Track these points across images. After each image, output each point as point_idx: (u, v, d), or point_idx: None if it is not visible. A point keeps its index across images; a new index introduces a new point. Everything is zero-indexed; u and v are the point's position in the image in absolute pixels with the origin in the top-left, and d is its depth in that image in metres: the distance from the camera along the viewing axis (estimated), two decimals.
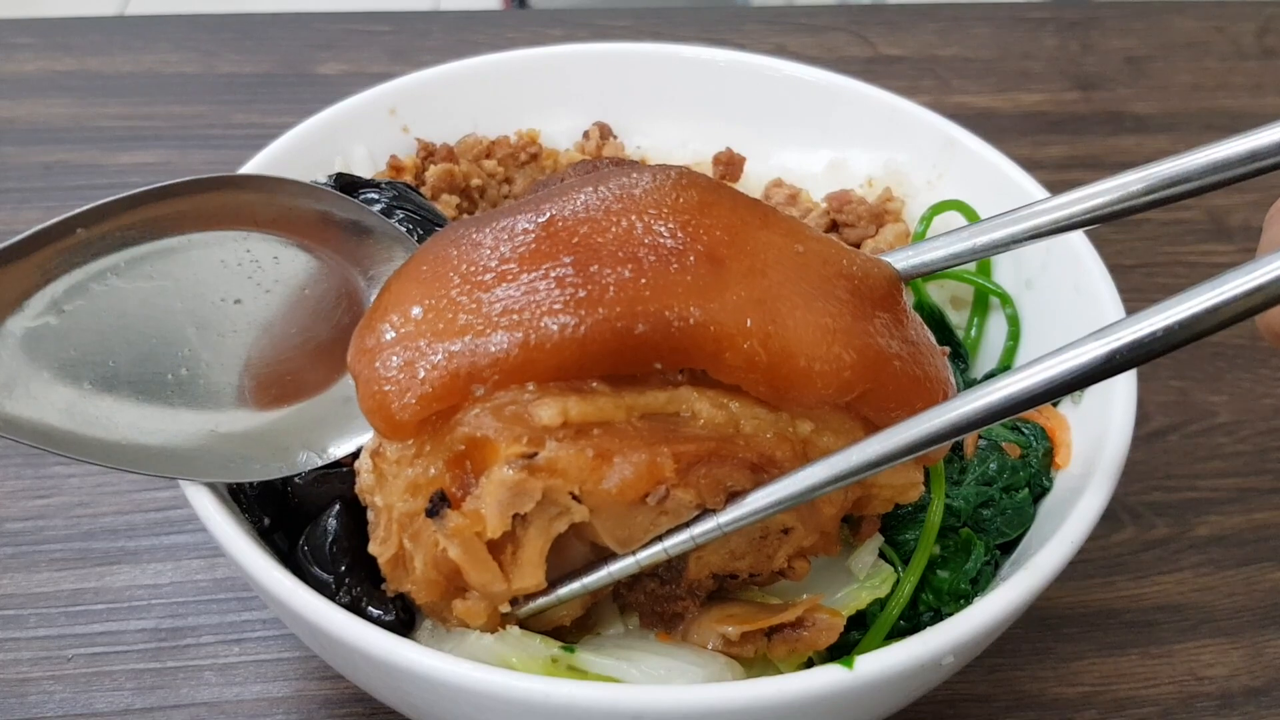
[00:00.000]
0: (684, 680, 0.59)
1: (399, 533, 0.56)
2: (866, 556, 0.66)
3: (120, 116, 1.24)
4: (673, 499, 0.53)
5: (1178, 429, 0.96)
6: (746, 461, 0.54)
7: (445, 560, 0.54)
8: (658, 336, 0.53)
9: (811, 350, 0.55)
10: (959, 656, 0.57)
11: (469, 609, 0.55)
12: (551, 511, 0.53)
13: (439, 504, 0.53)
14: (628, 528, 0.54)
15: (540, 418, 0.52)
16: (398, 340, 0.55)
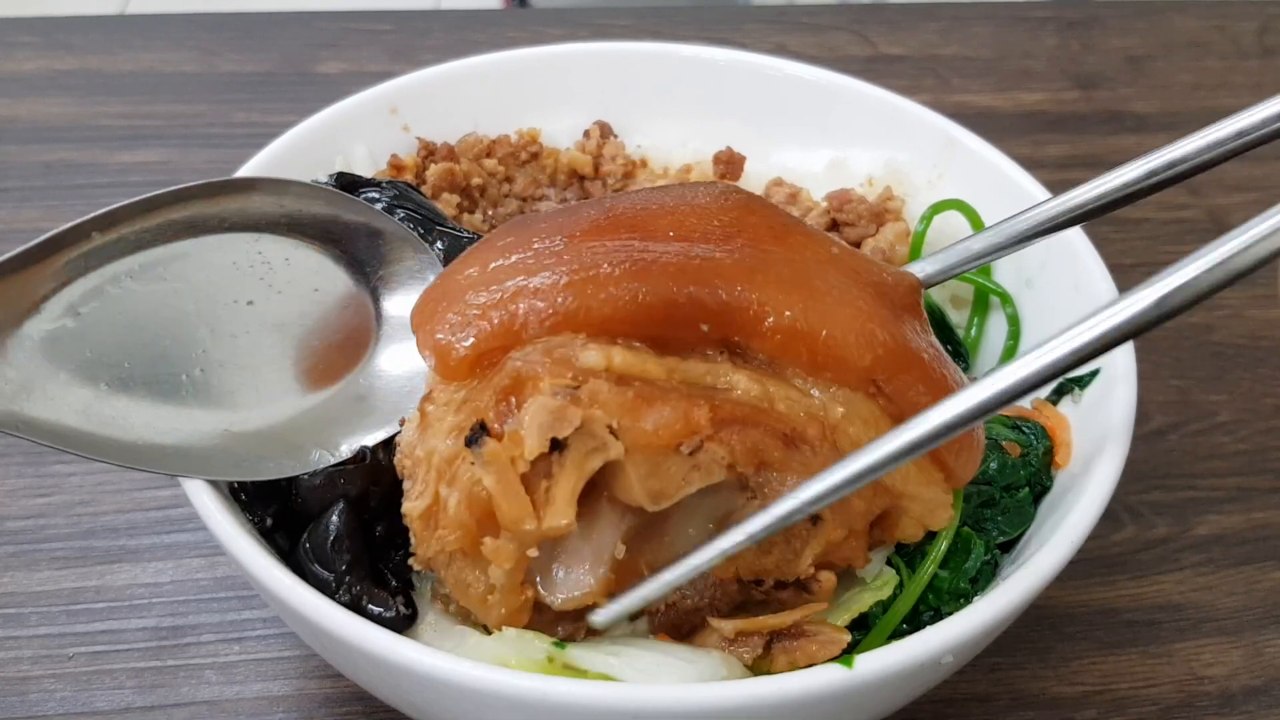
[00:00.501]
0: (676, 676, 0.59)
1: (437, 481, 0.56)
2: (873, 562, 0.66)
3: (121, 115, 1.24)
4: (706, 452, 0.54)
5: (1178, 428, 0.96)
6: (779, 432, 0.56)
7: (479, 499, 0.54)
8: (706, 299, 0.57)
9: (847, 324, 0.58)
10: (958, 656, 0.57)
11: (498, 548, 0.54)
12: (588, 444, 0.53)
13: (478, 432, 0.54)
14: (660, 478, 0.54)
15: (586, 360, 0.54)
16: (459, 291, 0.58)
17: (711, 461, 0.55)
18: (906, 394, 0.59)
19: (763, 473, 0.56)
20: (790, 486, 0.55)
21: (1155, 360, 1.00)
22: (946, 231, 0.85)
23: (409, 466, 0.59)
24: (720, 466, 0.55)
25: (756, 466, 0.56)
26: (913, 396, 0.59)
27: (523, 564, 0.55)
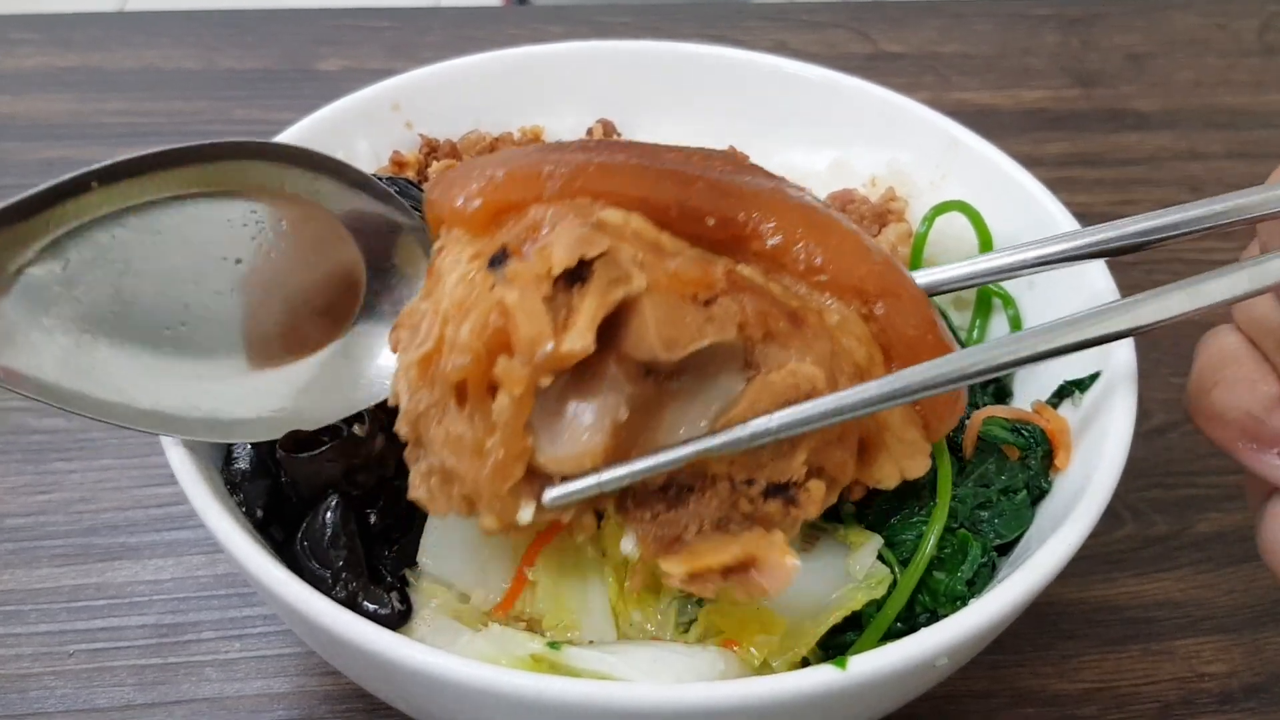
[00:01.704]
0: (672, 673, 0.59)
1: (442, 326, 0.55)
2: (865, 558, 0.66)
3: (121, 112, 1.24)
4: (721, 305, 0.54)
5: (1178, 426, 0.96)
6: (786, 309, 0.56)
7: (494, 326, 0.52)
8: (716, 196, 0.59)
9: (845, 239, 0.60)
10: (953, 658, 0.57)
11: (508, 370, 0.51)
12: (613, 273, 0.52)
13: (502, 254, 0.53)
14: (676, 325, 0.53)
15: (607, 217, 0.55)
16: (477, 165, 0.59)
17: (725, 316, 0.54)
18: (896, 322, 0.60)
19: (768, 345, 0.56)
20: (794, 362, 0.55)
21: (1155, 358, 1.00)
22: (949, 232, 0.85)
23: (404, 335, 0.58)
24: (732, 323, 0.54)
25: (764, 335, 0.56)
26: (902, 327, 0.60)
27: (531, 396, 0.52)
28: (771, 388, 0.55)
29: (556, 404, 0.54)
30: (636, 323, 0.53)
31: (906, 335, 0.60)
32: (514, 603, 0.67)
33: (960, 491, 0.70)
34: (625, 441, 0.55)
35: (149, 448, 0.87)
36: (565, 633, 0.65)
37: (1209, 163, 1.26)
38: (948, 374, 0.55)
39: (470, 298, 0.53)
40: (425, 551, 0.68)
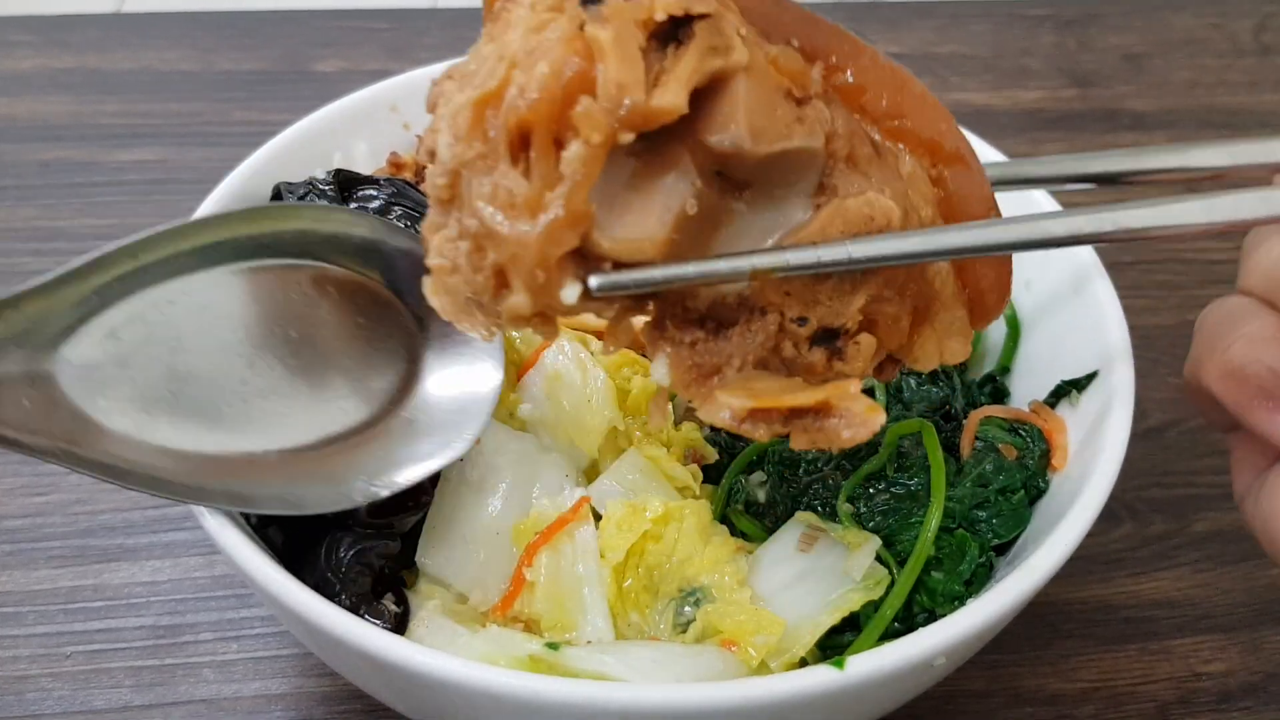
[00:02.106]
0: (670, 674, 0.59)
1: (510, 68, 0.47)
2: (863, 559, 0.66)
3: (118, 114, 1.24)
4: (813, 108, 0.50)
5: (1176, 425, 0.97)
6: (868, 136, 0.54)
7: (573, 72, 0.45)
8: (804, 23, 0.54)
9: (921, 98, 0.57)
10: (951, 658, 0.57)
11: (590, 112, 0.45)
12: (714, 39, 0.47)
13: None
14: (766, 115, 0.48)
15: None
16: None
17: (817, 119, 0.50)
18: (963, 191, 0.57)
19: (849, 169, 0.52)
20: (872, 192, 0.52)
21: (1153, 357, 1.00)
22: None
23: (450, 86, 0.51)
24: (821, 130, 0.50)
25: (846, 156, 0.52)
26: (968, 197, 0.57)
27: (606, 150, 0.46)
28: (846, 214, 0.51)
29: (622, 180, 0.49)
30: (727, 103, 0.47)
31: (968, 208, 0.57)
32: (513, 603, 0.67)
33: (958, 491, 0.70)
34: (685, 244, 0.50)
35: None
36: (563, 633, 0.65)
37: None
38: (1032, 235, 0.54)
39: (549, 41, 0.46)
40: (424, 552, 0.68)
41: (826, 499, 0.71)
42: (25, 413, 0.54)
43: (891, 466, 0.72)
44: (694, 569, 0.67)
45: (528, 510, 0.69)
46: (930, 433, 0.70)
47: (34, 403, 0.55)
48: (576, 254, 0.47)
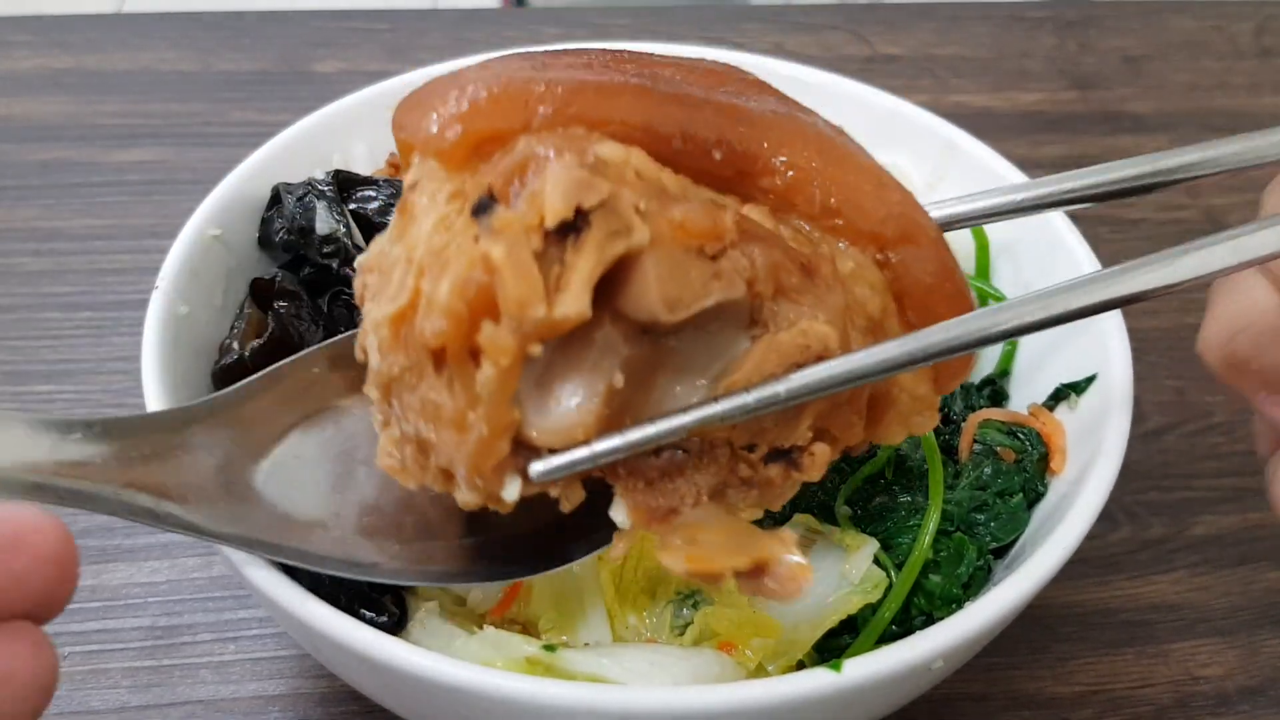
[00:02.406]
0: (668, 676, 0.59)
1: (417, 277, 0.48)
2: (860, 562, 0.66)
3: (117, 114, 1.24)
4: (729, 259, 0.48)
5: (1174, 429, 0.96)
6: (799, 258, 0.51)
7: (477, 284, 0.45)
8: (722, 124, 0.52)
9: (860, 176, 0.55)
10: (948, 661, 0.57)
11: (494, 338, 0.45)
12: (612, 224, 0.46)
13: (488, 201, 0.46)
14: (680, 282, 0.47)
15: (604, 153, 0.48)
16: (452, 82, 0.51)
17: (734, 271, 0.49)
18: (914, 270, 0.55)
19: (778, 301, 0.51)
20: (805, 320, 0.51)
21: (1152, 361, 1.00)
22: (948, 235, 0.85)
23: (373, 281, 0.52)
24: (741, 279, 0.49)
25: (774, 290, 0.50)
26: (919, 275, 0.55)
27: (519, 366, 0.46)
28: (780, 348, 0.51)
29: (544, 370, 0.49)
30: (637, 280, 0.47)
31: (923, 283, 0.55)
32: (510, 605, 0.67)
33: (956, 494, 0.70)
34: (618, 407, 0.51)
35: None
36: (561, 635, 0.65)
37: None
38: (969, 334, 0.51)
39: (449, 247, 0.47)
40: None
41: (824, 501, 0.71)
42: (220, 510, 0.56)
43: (890, 469, 0.72)
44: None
45: None
46: (929, 436, 0.70)
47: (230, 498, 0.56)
48: (513, 446, 0.49)
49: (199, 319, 0.72)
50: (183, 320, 0.70)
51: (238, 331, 0.74)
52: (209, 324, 0.74)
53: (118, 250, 1.08)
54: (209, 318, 0.74)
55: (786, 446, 0.54)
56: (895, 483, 0.72)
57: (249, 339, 0.72)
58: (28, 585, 0.40)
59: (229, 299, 0.76)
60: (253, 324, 0.75)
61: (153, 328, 0.68)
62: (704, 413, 0.50)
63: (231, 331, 0.74)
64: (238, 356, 0.71)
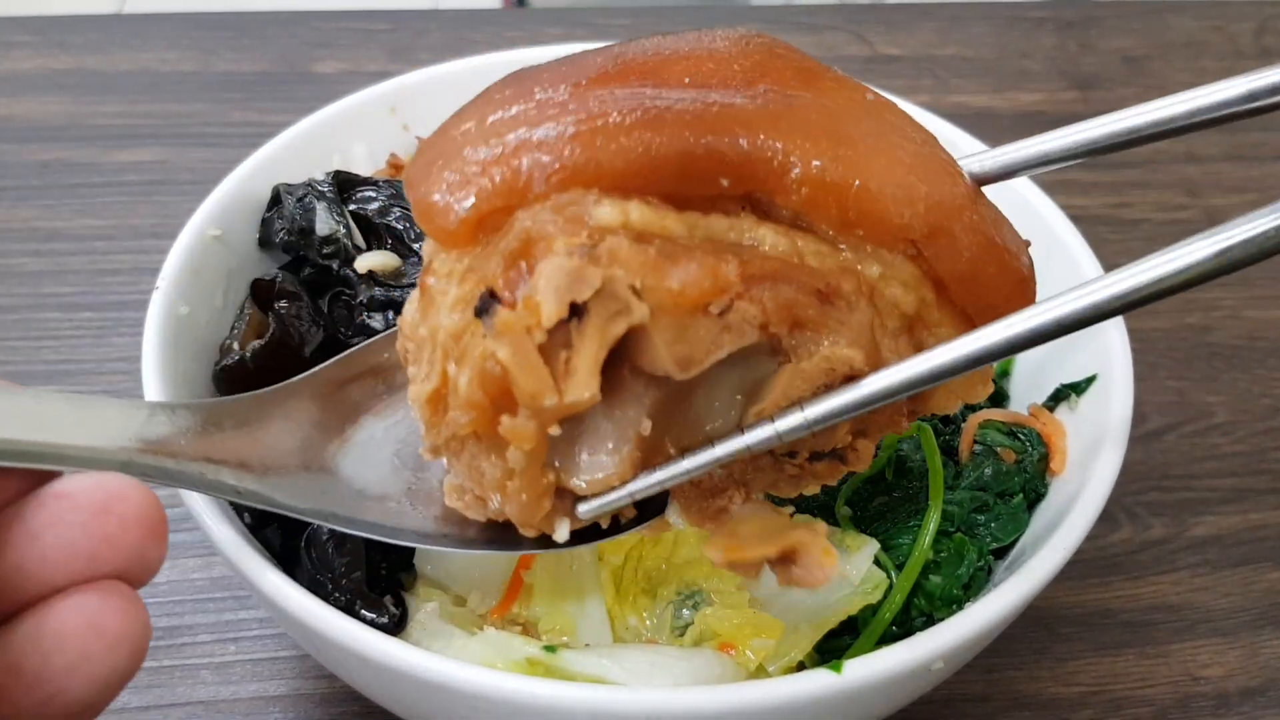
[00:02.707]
0: (668, 677, 0.58)
1: (443, 360, 0.51)
2: (861, 563, 0.66)
3: (117, 115, 1.24)
4: (737, 311, 0.49)
5: (1175, 429, 0.96)
6: (812, 286, 0.51)
7: (492, 375, 0.48)
8: (725, 149, 0.51)
9: (883, 175, 0.53)
10: (949, 662, 0.57)
11: (517, 427, 0.49)
12: (610, 308, 0.48)
13: (488, 301, 0.48)
14: (688, 342, 0.49)
15: (600, 217, 0.49)
16: (455, 148, 0.53)
17: (743, 321, 0.49)
18: (949, 262, 0.54)
19: (796, 333, 0.51)
20: (827, 346, 0.51)
21: (1152, 361, 1.00)
22: None
23: (412, 349, 0.55)
24: (752, 327, 0.50)
25: (790, 326, 0.51)
26: (955, 263, 0.54)
27: (543, 444, 0.50)
28: (804, 375, 0.51)
29: (577, 427, 0.53)
30: (646, 347, 0.49)
31: (960, 270, 0.54)
32: (510, 606, 0.67)
33: (956, 495, 0.70)
34: (655, 438, 0.53)
35: None
36: (561, 636, 0.65)
37: (1206, 165, 1.26)
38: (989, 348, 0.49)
39: (465, 333, 0.50)
40: (422, 555, 0.68)
41: (825, 502, 0.71)
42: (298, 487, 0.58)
43: (890, 470, 0.72)
44: (692, 572, 0.67)
45: None
46: (928, 436, 0.70)
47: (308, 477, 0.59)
48: (559, 492, 0.53)
49: (199, 319, 0.72)
50: (183, 321, 0.70)
51: (238, 332, 0.74)
52: (209, 324, 0.74)
53: (118, 251, 1.08)
54: (209, 318, 0.74)
55: (826, 450, 0.56)
56: (895, 483, 0.72)
57: (249, 339, 0.72)
58: (118, 546, 0.42)
59: (229, 299, 0.76)
60: (253, 324, 0.75)
61: (153, 328, 0.68)
62: (733, 446, 0.52)
63: (232, 332, 0.74)
64: (238, 357, 0.71)
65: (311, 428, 0.61)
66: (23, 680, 0.40)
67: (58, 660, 0.40)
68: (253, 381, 0.69)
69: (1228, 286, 1.06)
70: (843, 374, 0.52)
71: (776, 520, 0.56)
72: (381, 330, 0.72)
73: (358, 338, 0.73)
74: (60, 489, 0.43)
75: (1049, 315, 0.49)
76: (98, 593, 0.42)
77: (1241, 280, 1.07)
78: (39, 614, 0.41)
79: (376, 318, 0.73)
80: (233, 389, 0.70)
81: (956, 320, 0.56)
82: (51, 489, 0.43)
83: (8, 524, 0.42)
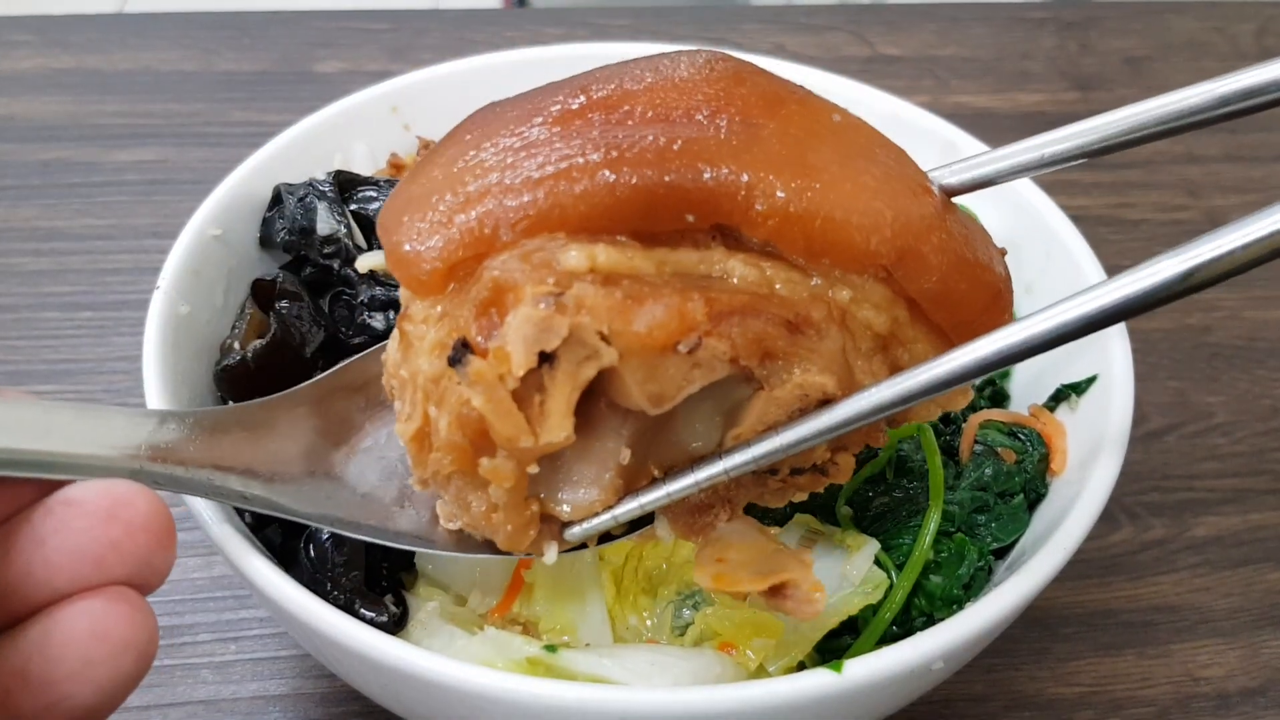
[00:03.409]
0: (669, 677, 0.58)
1: (424, 402, 0.53)
2: (861, 563, 0.66)
3: (118, 114, 1.24)
4: (705, 348, 0.50)
5: (1175, 429, 0.96)
6: (782, 318, 0.52)
7: (469, 419, 0.50)
8: (690, 185, 0.52)
9: (849, 203, 0.53)
10: (949, 662, 0.57)
11: (496, 467, 0.51)
12: (579, 353, 0.49)
13: (461, 351, 0.50)
14: (658, 380, 0.51)
15: (567, 262, 0.50)
16: (424, 197, 0.54)
17: (712, 357, 0.51)
18: (918, 280, 0.55)
19: (768, 363, 0.52)
20: (799, 374, 0.52)
21: (1153, 361, 1.00)
22: None
23: (396, 387, 0.57)
24: (722, 361, 0.51)
25: (761, 358, 0.52)
26: (925, 283, 0.54)
27: (524, 481, 0.52)
28: (778, 402, 0.53)
29: (556, 460, 0.54)
30: (618, 383, 0.51)
31: (932, 289, 0.55)
32: (511, 605, 0.67)
33: (957, 495, 0.70)
34: (636, 464, 0.55)
35: None
36: (561, 636, 0.65)
37: (1206, 166, 1.26)
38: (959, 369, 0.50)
39: (443, 378, 0.52)
40: (423, 554, 0.68)
41: (825, 502, 0.71)
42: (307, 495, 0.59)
43: (891, 470, 0.72)
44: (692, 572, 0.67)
45: None
46: (928, 436, 0.70)
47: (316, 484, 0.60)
48: (545, 518, 0.55)
49: (200, 319, 0.72)
50: (184, 320, 0.70)
51: (239, 332, 0.74)
52: (210, 324, 0.74)
53: (118, 250, 1.08)
54: (210, 318, 0.74)
55: (805, 467, 0.58)
56: (896, 483, 0.72)
57: (250, 339, 0.72)
58: (125, 552, 0.42)
59: (230, 299, 0.76)
60: (254, 324, 0.75)
61: (154, 328, 0.68)
62: (711, 471, 0.54)
63: (233, 332, 0.74)
64: (239, 357, 0.71)
65: (316, 434, 0.62)
66: (29, 685, 0.41)
67: (63, 666, 0.41)
68: (254, 381, 0.69)
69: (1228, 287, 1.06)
70: (816, 399, 0.53)
71: (765, 545, 0.58)
72: (382, 329, 0.72)
73: (359, 337, 0.73)
74: (68, 496, 0.43)
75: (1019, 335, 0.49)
76: (104, 599, 0.42)
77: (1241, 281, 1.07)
78: (45, 619, 0.41)
79: (377, 317, 0.73)
80: (234, 388, 0.70)
81: (932, 335, 0.57)
82: (59, 496, 0.43)
83: (15, 530, 0.42)
